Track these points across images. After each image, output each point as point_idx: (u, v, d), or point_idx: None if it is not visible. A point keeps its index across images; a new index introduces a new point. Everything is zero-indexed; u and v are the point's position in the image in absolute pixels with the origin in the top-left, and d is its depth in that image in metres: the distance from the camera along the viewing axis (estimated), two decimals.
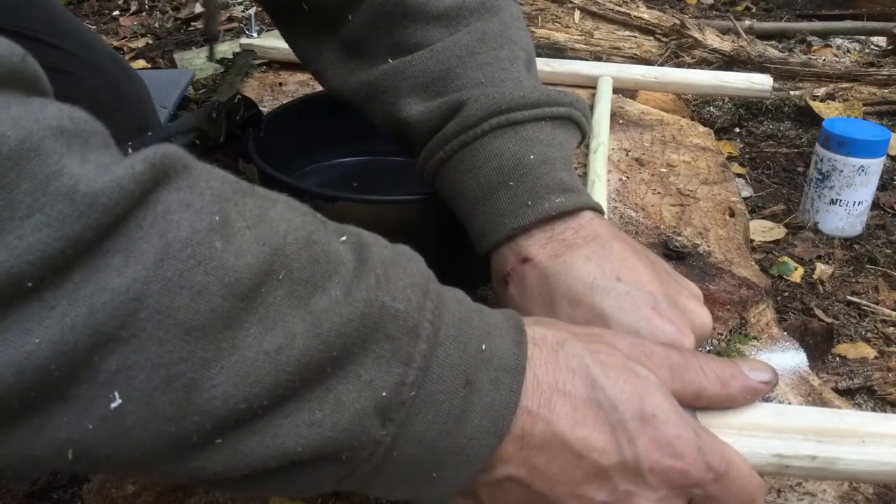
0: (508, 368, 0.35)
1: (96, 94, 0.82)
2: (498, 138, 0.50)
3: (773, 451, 0.40)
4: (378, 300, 0.31)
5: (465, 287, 0.70)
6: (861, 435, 0.39)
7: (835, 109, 1.18)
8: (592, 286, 0.46)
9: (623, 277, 0.46)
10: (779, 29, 1.65)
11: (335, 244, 0.32)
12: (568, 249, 0.48)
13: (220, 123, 0.69)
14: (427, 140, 0.53)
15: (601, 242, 0.48)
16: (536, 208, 0.48)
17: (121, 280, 0.25)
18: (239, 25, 1.70)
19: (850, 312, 0.77)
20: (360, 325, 0.30)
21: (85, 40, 0.84)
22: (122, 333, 0.25)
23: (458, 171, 0.51)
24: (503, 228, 0.49)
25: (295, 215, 0.31)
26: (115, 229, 0.25)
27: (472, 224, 0.51)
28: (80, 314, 0.24)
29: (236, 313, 0.28)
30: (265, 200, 0.31)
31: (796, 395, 0.59)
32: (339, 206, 0.62)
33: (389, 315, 0.32)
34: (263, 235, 0.29)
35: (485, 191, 0.50)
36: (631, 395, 0.36)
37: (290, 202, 0.33)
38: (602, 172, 0.82)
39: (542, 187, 0.49)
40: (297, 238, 0.30)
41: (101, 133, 0.27)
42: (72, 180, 0.24)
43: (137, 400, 0.26)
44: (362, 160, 0.84)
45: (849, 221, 0.89)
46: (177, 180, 0.28)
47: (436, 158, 0.52)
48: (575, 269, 0.47)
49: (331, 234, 0.33)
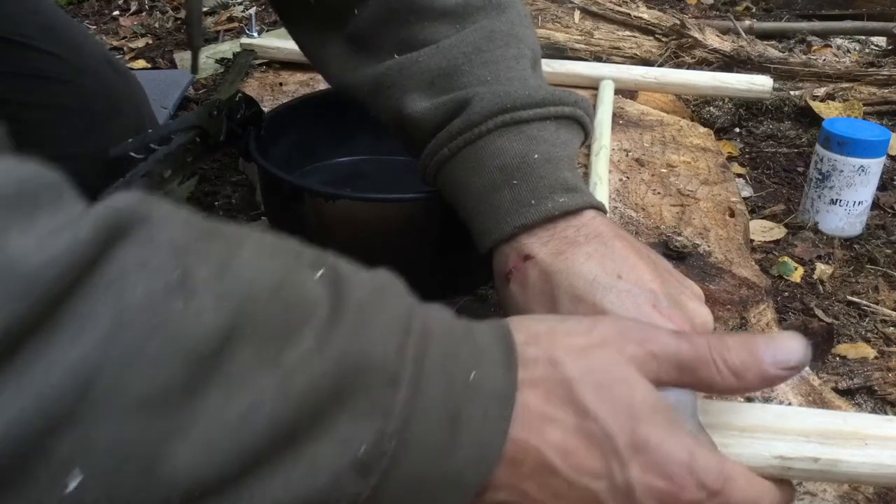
0: (498, 397, 0.34)
1: (91, 100, 0.81)
2: (502, 136, 0.50)
3: (776, 452, 0.39)
4: (354, 348, 0.30)
5: (466, 286, 0.71)
6: (863, 437, 0.39)
7: (835, 109, 1.18)
8: (593, 283, 0.45)
9: (624, 276, 0.46)
10: (779, 29, 1.65)
11: (309, 284, 0.31)
12: (570, 247, 0.47)
13: (221, 122, 0.69)
14: (431, 137, 0.52)
15: (603, 241, 0.48)
16: (540, 208, 0.48)
17: (70, 357, 0.24)
18: (239, 25, 1.70)
19: (850, 312, 0.77)
20: (334, 378, 0.29)
21: (80, 44, 0.83)
22: (74, 414, 0.24)
23: (462, 169, 0.51)
24: (506, 227, 0.49)
25: (264, 257, 0.30)
26: (62, 303, 0.24)
27: (475, 222, 0.51)
28: (29, 399, 0.23)
29: (198, 380, 0.26)
30: (231, 244, 0.29)
31: (796, 395, 0.59)
32: (340, 204, 0.62)
33: (367, 364, 0.30)
34: (228, 289, 0.27)
35: (488, 189, 0.50)
36: (623, 425, 0.35)
37: (262, 240, 0.31)
38: (604, 175, 0.82)
39: (545, 186, 0.49)
40: (265, 286, 0.28)
41: (51, 186, 0.25)
42: (9, 258, 0.23)
43: (95, 480, 0.24)
44: (363, 159, 0.84)
45: (849, 221, 0.89)
46: (133, 235, 0.26)
47: (439, 156, 0.52)
48: (576, 266, 0.46)
49: (305, 270, 0.31)
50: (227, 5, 1.84)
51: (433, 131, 0.52)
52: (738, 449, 0.39)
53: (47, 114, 0.79)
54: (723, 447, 0.39)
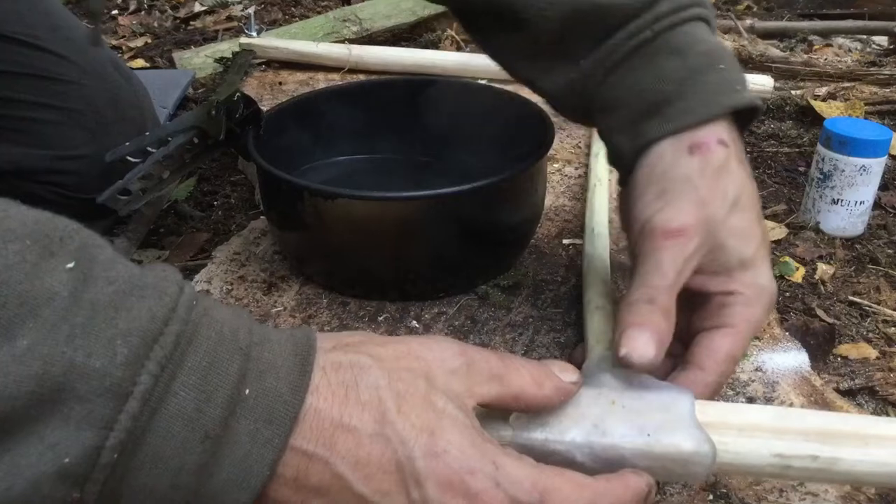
0: (273, 418, 0.32)
1: (95, 102, 0.82)
2: (698, 27, 0.51)
3: (774, 450, 0.39)
4: (64, 357, 0.28)
5: (464, 284, 0.70)
6: (863, 437, 0.39)
7: (836, 109, 1.18)
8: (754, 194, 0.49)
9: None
10: (780, 28, 1.64)
11: (48, 277, 0.29)
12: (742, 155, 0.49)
13: (220, 121, 0.69)
14: (626, 22, 0.51)
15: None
16: (744, 95, 0.49)
17: None
18: (238, 24, 1.70)
19: (851, 313, 0.77)
20: (35, 386, 0.28)
21: (85, 46, 0.84)
22: None
23: (661, 53, 0.50)
24: (715, 106, 0.49)
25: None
26: None
27: (673, 106, 0.49)
28: None
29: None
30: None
31: (798, 395, 0.58)
32: (340, 203, 0.62)
33: (79, 374, 0.28)
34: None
35: (692, 71, 0.50)
36: (422, 430, 0.34)
37: (6, 224, 0.29)
38: (604, 176, 0.82)
39: (743, 79, 0.50)
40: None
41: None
42: None
43: None
44: (362, 158, 0.84)
45: (850, 221, 0.89)
46: None
47: (638, 38, 0.51)
48: (739, 173, 0.48)
49: (50, 260, 0.29)
50: (226, 4, 1.84)
51: (631, 15, 0.51)
52: (736, 448, 0.39)
53: (53, 114, 0.80)
54: (721, 446, 0.39)
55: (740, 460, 0.40)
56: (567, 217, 0.82)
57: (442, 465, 0.33)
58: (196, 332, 0.32)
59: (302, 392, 0.33)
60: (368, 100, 0.82)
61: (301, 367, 0.34)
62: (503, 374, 0.38)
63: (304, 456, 0.33)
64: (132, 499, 0.31)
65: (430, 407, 0.35)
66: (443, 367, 0.37)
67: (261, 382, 0.33)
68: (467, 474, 0.33)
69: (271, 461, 0.32)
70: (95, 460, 0.29)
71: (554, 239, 0.78)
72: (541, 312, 0.66)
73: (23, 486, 0.28)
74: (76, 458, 0.29)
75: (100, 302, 0.30)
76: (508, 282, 0.69)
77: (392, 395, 0.35)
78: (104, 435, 0.29)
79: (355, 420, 0.34)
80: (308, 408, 0.33)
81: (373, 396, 0.34)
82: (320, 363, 0.35)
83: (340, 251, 0.67)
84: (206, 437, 0.31)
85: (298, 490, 0.33)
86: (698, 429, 0.39)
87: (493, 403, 0.38)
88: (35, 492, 0.28)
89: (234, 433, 0.32)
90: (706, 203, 0.46)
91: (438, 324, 0.65)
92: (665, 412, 0.40)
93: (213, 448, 0.31)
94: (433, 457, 0.33)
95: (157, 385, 0.30)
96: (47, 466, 0.28)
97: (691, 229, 0.45)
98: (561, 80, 0.54)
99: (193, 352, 0.31)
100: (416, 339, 0.39)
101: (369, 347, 0.37)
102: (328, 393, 0.34)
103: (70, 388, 0.28)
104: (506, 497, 0.34)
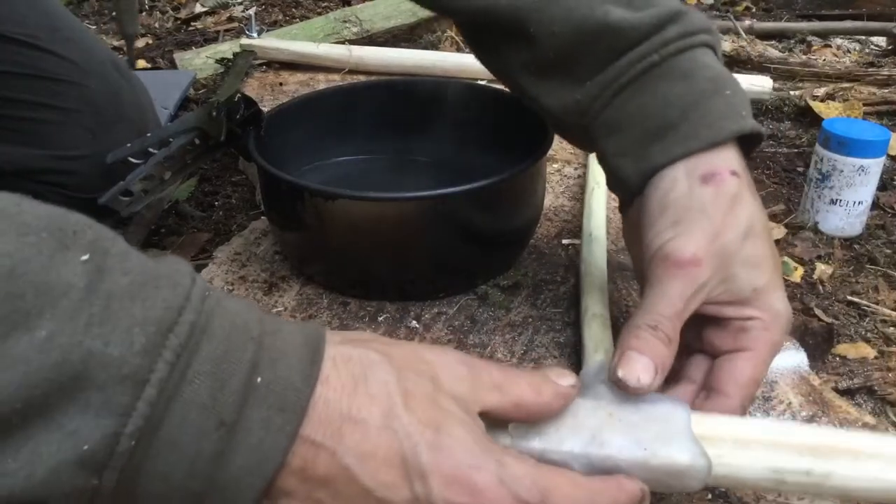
0: (286, 406, 0.33)
1: (96, 102, 0.82)
2: (706, 53, 0.51)
3: (768, 464, 0.39)
4: (83, 346, 0.29)
5: (464, 284, 0.70)
6: (857, 452, 0.39)
7: (835, 109, 1.18)
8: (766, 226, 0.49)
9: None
10: (779, 29, 1.65)
11: (64, 269, 0.29)
12: (751, 184, 0.49)
13: (221, 122, 0.69)
14: (632, 46, 0.51)
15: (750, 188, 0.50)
16: (749, 121, 0.49)
17: None
18: (239, 25, 1.70)
19: (850, 312, 0.77)
20: (55, 375, 0.28)
21: (86, 46, 0.84)
22: None
23: (667, 77, 0.50)
24: (720, 131, 0.48)
25: (11, 239, 0.29)
26: None
27: (679, 130, 0.49)
28: None
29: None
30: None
31: (797, 394, 0.59)
32: (340, 203, 0.63)
33: (97, 363, 0.29)
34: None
35: (697, 96, 0.50)
36: (428, 425, 0.34)
37: (21, 217, 0.30)
38: (601, 178, 0.82)
39: (748, 105, 0.50)
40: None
41: None
42: None
43: None
44: (363, 159, 0.84)
45: (849, 221, 0.89)
46: None
47: (645, 62, 0.51)
48: (758, 205, 0.49)
49: (66, 253, 0.30)
50: (227, 5, 1.84)
51: (640, 38, 0.51)
52: (731, 461, 0.39)
53: (54, 114, 0.80)
54: (716, 459, 0.39)
55: (735, 474, 0.40)
56: (566, 217, 0.82)
57: (447, 459, 0.34)
58: (209, 322, 0.33)
59: (313, 381, 0.34)
60: (369, 100, 0.83)
61: (312, 356, 0.35)
62: (503, 383, 0.39)
63: (313, 446, 0.33)
64: (148, 486, 0.31)
65: (436, 405, 0.35)
66: (448, 372, 0.38)
67: (273, 371, 0.33)
68: (472, 470, 0.34)
69: (284, 448, 0.33)
70: (114, 447, 0.30)
71: (553, 239, 0.78)
72: (540, 312, 0.67)
73: (43, 473, 0.29)
74: (95, 445, 0.29)
75: (115, 292, 0.30)
76: (508, 282, 0.70)
77: (400, 390, 0.35)
78: (122, 422, 0.29)
79: (364, 412, 0.34)
80: (318, 398, 0.34)
81: (381, 390, 0.35)
82: (330, 354, 0.36)
83: (341, 251, 0.67)
84: (221, 425, 0.31)
85: (305, 480, 0.34)
86: (694, 442, 0.39)
87: (494, 412, 0.38)
88: (55, 479, 0.29)
89: (247, 420, 0.32)
90: (719, 234, 0.46)
91: (438, 324, 0.65)
92: (661, 425, 0.40)
93: (228, 435, 0.32)
94: (438, 451, 0.34)
95: (172, 373, 0.30)
96: (67, 454, 0.29)
97: (704, 260, 0.45)
98: (565, 99, 0.54)
99: (207, 340, 0.32)
100: (421, 345, 0.40)
101: (377, 345, 0.38)
102: (338, 384, 0.35)
103: (89, 377, 0.29)
104: (509, 494, 0.34)
